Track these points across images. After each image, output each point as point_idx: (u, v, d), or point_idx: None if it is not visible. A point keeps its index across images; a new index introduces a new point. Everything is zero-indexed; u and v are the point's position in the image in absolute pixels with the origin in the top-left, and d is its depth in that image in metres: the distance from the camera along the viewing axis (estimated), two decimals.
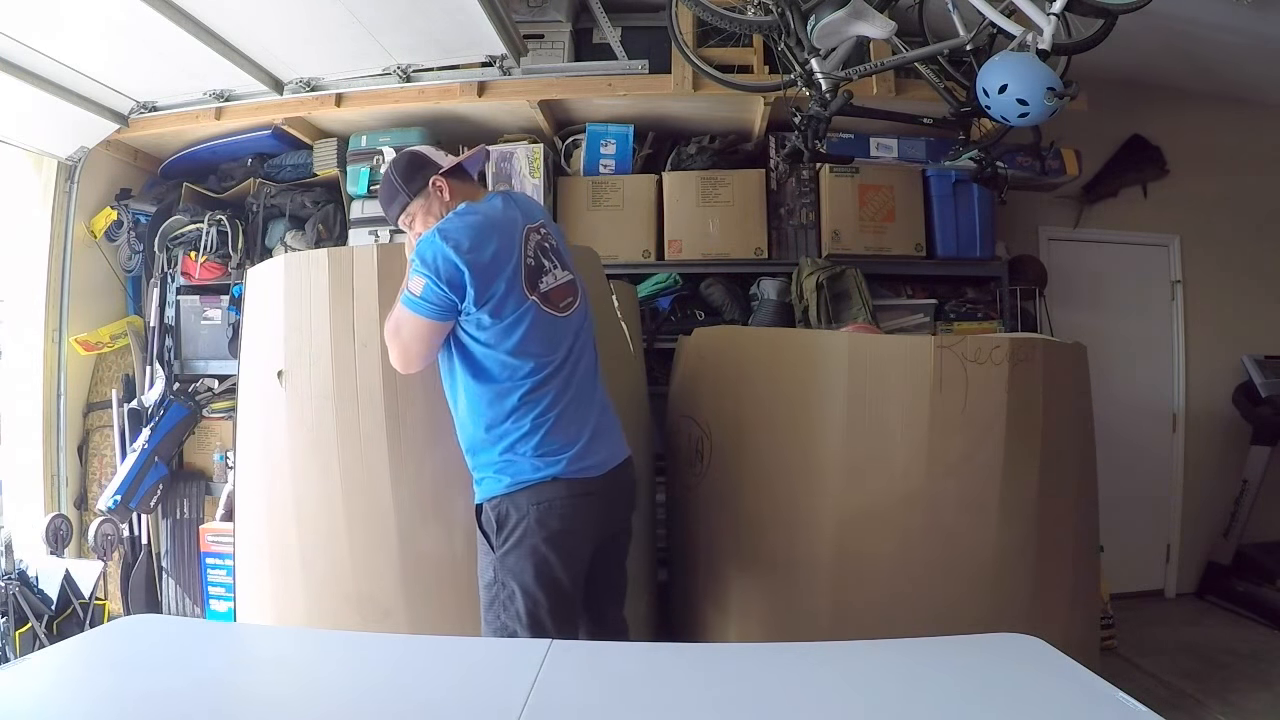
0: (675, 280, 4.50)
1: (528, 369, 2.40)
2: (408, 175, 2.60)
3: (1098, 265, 5.35)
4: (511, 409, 2.40)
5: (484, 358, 2.42)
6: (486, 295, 2.36)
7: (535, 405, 2.40)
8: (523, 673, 1.63)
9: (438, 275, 2.33)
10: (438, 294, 2.34)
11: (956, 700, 1.56)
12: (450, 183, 2.58)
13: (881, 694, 1.62)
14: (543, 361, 2.42)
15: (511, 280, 2.40)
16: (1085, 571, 3.24)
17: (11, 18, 3.53)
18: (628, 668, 1.81)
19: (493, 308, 2.37)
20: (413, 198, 2.60)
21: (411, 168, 2.61)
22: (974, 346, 2.90)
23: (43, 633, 3.49)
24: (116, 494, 4.44)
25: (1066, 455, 3.08)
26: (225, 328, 4.66)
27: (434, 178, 2.57)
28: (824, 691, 1.63)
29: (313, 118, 4.62)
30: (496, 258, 2.39)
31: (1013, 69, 3.08)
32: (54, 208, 4.77)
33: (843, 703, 1.58)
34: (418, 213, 2.60)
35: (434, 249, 2.35)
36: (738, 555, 3.15)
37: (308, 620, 2.98)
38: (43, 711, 1.61)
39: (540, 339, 2.43)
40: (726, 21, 3.56)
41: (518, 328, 2.40)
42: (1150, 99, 5.30)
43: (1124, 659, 4.24)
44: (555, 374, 2.44)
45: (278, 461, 3.07)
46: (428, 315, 2.38)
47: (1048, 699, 1.56)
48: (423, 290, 2.35)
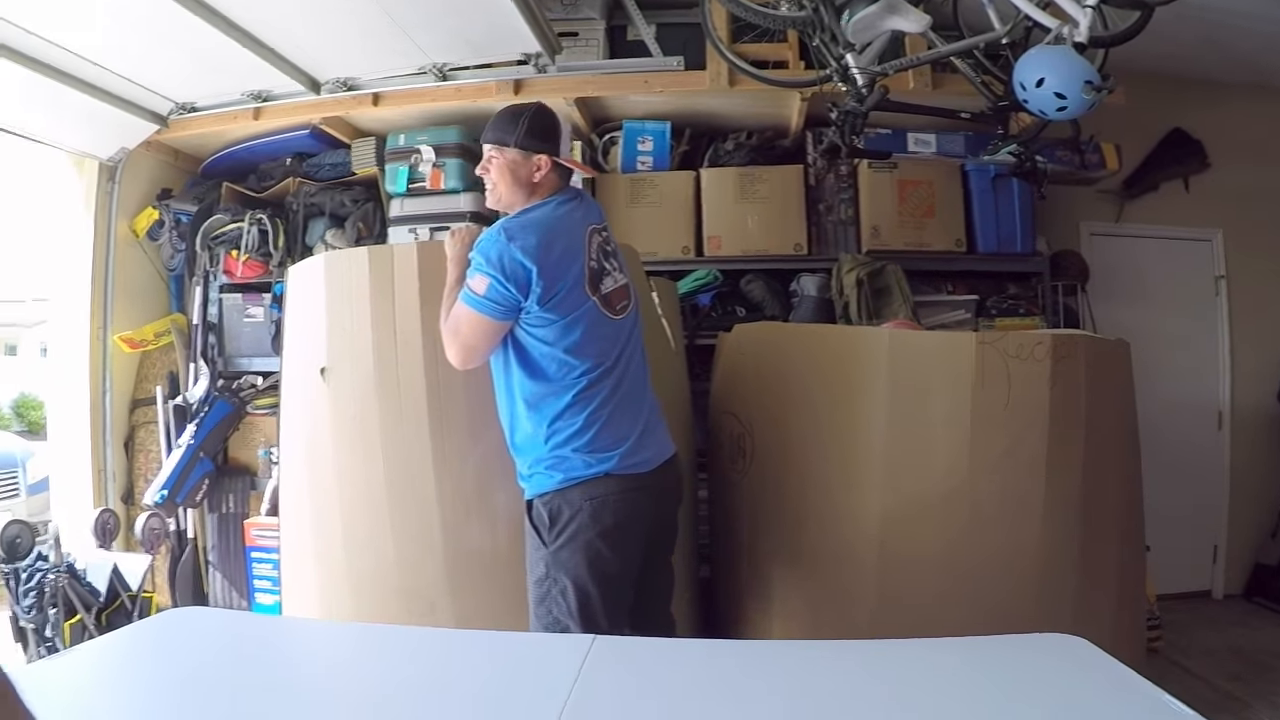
0: (715, 276, 4.49)
1: (583, 368, 2.42)
2: (533, 130, 2.51)
3: (1140, 260, 5.27)
4: (565, 407, 2.42)
5: (541, 356, 2.43)
6: (551, 294, 2.37)
7: (589, 403, 2.42)
8: (566, 668, 1.64)
9: (503, 274, 2.34)
10: (502, 293, 2.35)
11: (999, 701, 1.56)
12: (550, 169, 2.53)
13: (923, 693, 1.62)
14: (597, 361, 2.44)
15: (575, 280, 2.42)
16: (1131, 571, 3.21)
17: (51, 22, 3.59)
18: (669, 663, 1.82)
19: (555, 306, 2.39)
20: (516, 146, 2.50)
21: (543, 129, 2.53)
22: (1016, 342, 2.88)
23: (92, 624, 3.57)
24: (163, 489, 4.51)
25: (1110, 453, 3.05)
26: (268, 325, 4.72)
27: (546, 154, 2.51)
28: (864, 690, 1.63)
29: (350, 117, 4.66)
30: (562, 257, 2.41)
31: (1049, 62, 3.02)
32: (96, 208, 4.86)
33: (882, 701, 1.58)
34: (506, 160, 2.52)
35: (499, 248, 2.35)
36: (780, 551, 3.15)
37: (353, 614, 3.01)
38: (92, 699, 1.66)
39: (596, 339, 2.45)
40: (760, 17, 3.55)
41: (576, 327, 2.42)
42: (1190, 92, 5.21)
43: (1170, 660, 4.18)
44: (609, 373, 2.46)
45: (321, 457, 3.12)
46: (490, 314, 2.39)
47: (1091, 700, 1.55)
48: (486, 289, 2.36)
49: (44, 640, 3.55)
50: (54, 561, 3.64)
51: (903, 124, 4.54)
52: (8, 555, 3.69)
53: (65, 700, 1.58)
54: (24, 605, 3.57)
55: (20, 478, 6.70)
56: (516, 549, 2.60)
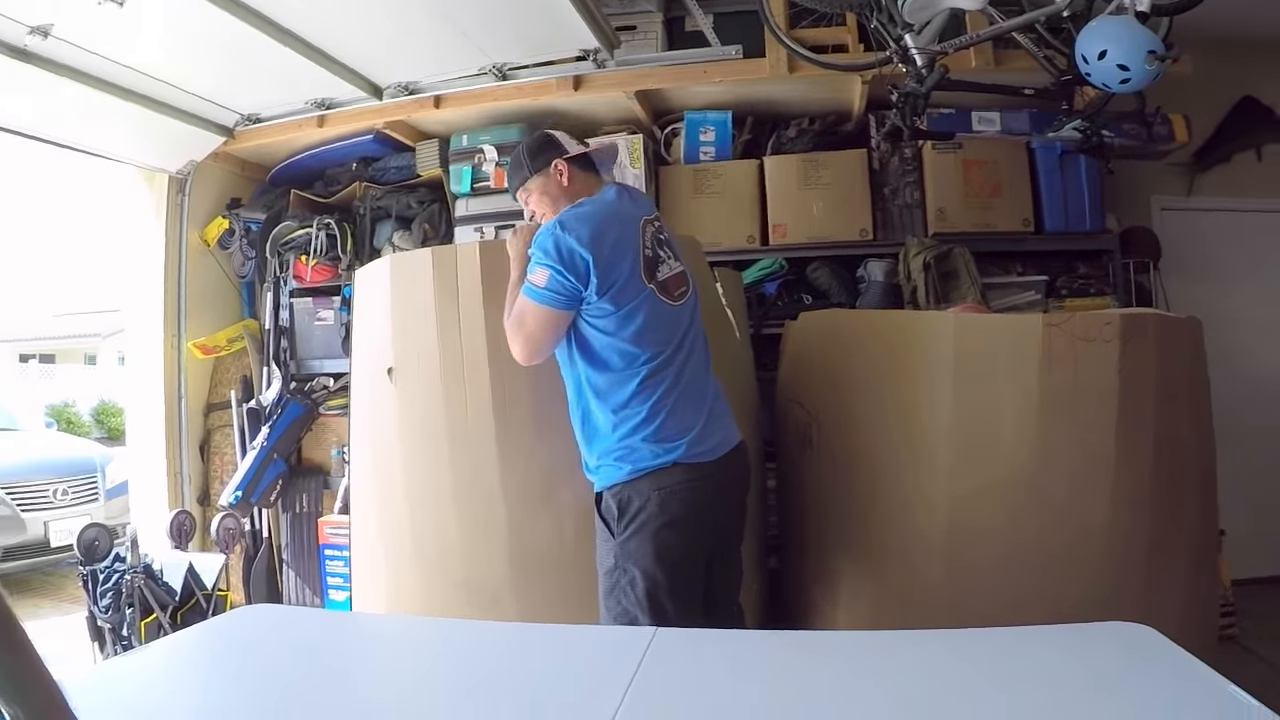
0: (781, 265, 4.47)
1: (645, 356, 2.44)
2: (534, 153, 2.68)
3: (1213, 234, 5.11)
4: (629, 396, 2.44)
5: (603, 347, 2.46)
6: (608, 283, 2.40)
7: (653, 392, 2.43)
8: (626, 661, 1.64)
9: (561, 264, 2.38)
10: (562, 283, 2.39)
11: (1063, 690, 1.53)
12: (571, 169, 2.64)
13: (986, 682, 1.59)
14: (659, 349, 2.46)
15: (632, 269, 2.44)
16: (1203, 557, 3.09)
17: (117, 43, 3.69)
18: (730, 655, 1.80)
19: (614, 296, 2.41)
20: (533, 174, 2.66)
21: (540, 147, 2.69)
22: (1084, 324, 2.79)
23: (167, 622, 3.64)
24: (237, 490, 4.62)
25: (1182, 436, 2.94)
26: (338, 328, 4.81)
27: (557, 161, 2.63)
28: (928, 679, 1.60)
29: (413, 120, 4.72)
30: (617, 247, 2.43)
31: (1111, 33, 2.94)
32: (167, 220, 5.01)
33: (944, 691, 1.55)
34: (535, 190, 2.68)
35: (555, 239, 2.40)
36: (846, 540, 3.12)
37: (419, 607, 3.06)
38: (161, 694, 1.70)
39: (657, 327, 2.46)
40: (817, 1, 3.53)
41: (636, 316, 2.43)
42: (1259, 57, 5.01)
43: (1243, 647, 4.05)
44: (670, 361, 2.47)
45: (388, 455, 3.16)
46: (552, 305, 2.42)
47: (1154, 691, 1.51)
48: (547, 281, 2.40)
49: (120, 639, 3.65)
50: (131, 563, 3.73)
51: (966, 103, 4.47)
52: (86, 557, 3.79)
53: (135, 695, 1.63)
54: (101, 605, 3.67)
55: (99, 482, 6.93)
56: (582, 545, 2.63)
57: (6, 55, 3.46)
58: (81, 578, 3.78)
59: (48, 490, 6.55)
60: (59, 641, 4.22)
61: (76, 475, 6.85)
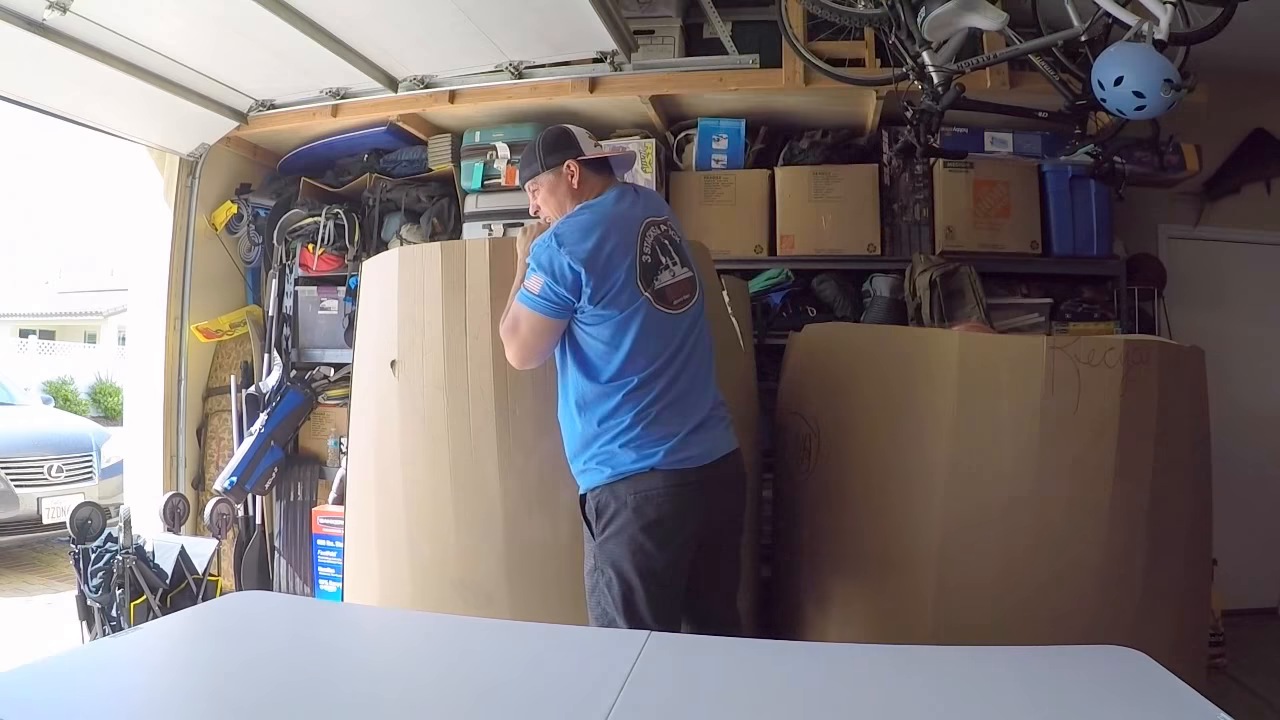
0: (787, 276, 4.46)
1: (636, 366, 2.45)
2: (549, 148, 2.66)
3: (1219, 265, 5.11)
4: (614, 408, 2.46)
5: (596, 355, 2.48)
6: (602, 292, 2.42)
7: (637, 404, 2.45)
8: (619, 663, 1.64)
9: (554, 276, 2.40)
10: (555, 293, 2.42)
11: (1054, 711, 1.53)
12: (582, 171, 2.63)
13: (975, 702, 1.59)
14: (651, 359, 2.47)
15: (626, 277, 2.45)
16: (1196, 584, 3.11)
17: (134, 21, 3.69)
18: (722, 663, 1.80)
19: (608, 304, 2.43)
20: (544, 170, 2.66)
21: (556, 143, 2.67)
22: (1088, 348, 2.81)
23: (156, 605, 3.63)
24: (232, 475, 4.61)
25: (1181, 462, 2.95)
26: (341, 318, 4.81)
27: (569, 161, 2.63)
28: (917, 695, 1.60)
29: (427, 114, 4.73)
30: (612, 256, 2.45)
31: (1129, 60, 2.95)
32: (176, 202, 5.00)
33: (932, 709, 1.55)
34: (544, 187, 2.67)
35: (549, 253, 2.42)
36: (841, 553, 3.13)
37: (412, 603, 3.06)
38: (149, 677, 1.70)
39: (651, 337, 2.47)
40: (836, 15, 3.52)
41: (631, 324, 2.45)
42: (1273, 91, 4.98)
43: (1231, 678, 4.04)
44: (663, 371, 2.48)
45: (389, 448, 3.16)
46: (544, 312, 2.45)
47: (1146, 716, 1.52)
48: (540, 289, 2.43)
49: (109, 619, 3.63)
50: (123, 543, 3.71)
51: (979, 123, 4.48)
52: (78, 536, 3.76)
53: (123, 677, 1.63)
54: (91, 585, 3.65)
55: (94, 461, 6.90)
56: (576, 546, 2.63)
57: (24, 28, 3.46)
58: (73, 556, 3.76)
59: (42, 466, 6.50)
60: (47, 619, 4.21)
61: (72, 453, 6.81)
